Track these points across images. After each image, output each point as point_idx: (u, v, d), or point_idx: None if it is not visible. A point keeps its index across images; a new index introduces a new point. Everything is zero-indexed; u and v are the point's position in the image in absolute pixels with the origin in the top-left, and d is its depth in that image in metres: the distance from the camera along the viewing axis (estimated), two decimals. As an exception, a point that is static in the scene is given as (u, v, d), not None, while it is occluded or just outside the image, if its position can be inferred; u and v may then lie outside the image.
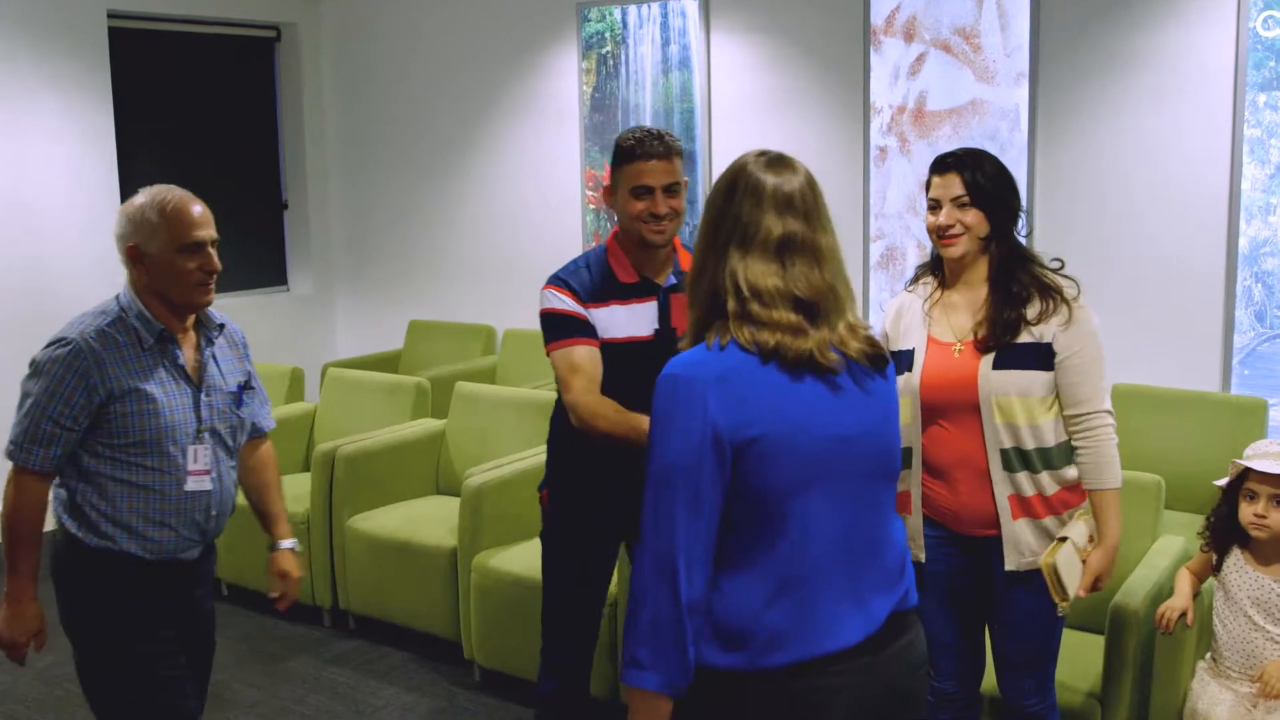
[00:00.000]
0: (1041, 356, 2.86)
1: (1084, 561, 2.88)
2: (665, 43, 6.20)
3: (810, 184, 2.05)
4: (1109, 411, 2.91)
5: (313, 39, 7.72)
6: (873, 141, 5.56)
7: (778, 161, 2.06)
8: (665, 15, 6.18)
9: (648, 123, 6.25)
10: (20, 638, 2.76)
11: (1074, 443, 2.91)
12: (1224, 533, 3.16)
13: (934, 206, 2.94)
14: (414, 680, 4.45)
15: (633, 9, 6.28)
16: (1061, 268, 2.99)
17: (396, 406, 5.51)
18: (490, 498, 4.36)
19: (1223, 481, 3.20)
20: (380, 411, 5.52)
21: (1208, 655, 3.20)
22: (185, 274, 2.70)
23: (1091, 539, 2.91)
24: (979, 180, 2.88)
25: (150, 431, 2.68)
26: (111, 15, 6.66)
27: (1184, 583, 3.22)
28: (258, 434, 3.08)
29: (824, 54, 5.73)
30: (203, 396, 2.79)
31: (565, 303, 3.05)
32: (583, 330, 3.04)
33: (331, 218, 7.95)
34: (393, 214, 7.63)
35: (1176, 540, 3.68)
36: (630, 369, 2.92)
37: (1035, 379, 2.85)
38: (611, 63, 6.39)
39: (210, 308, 2.83)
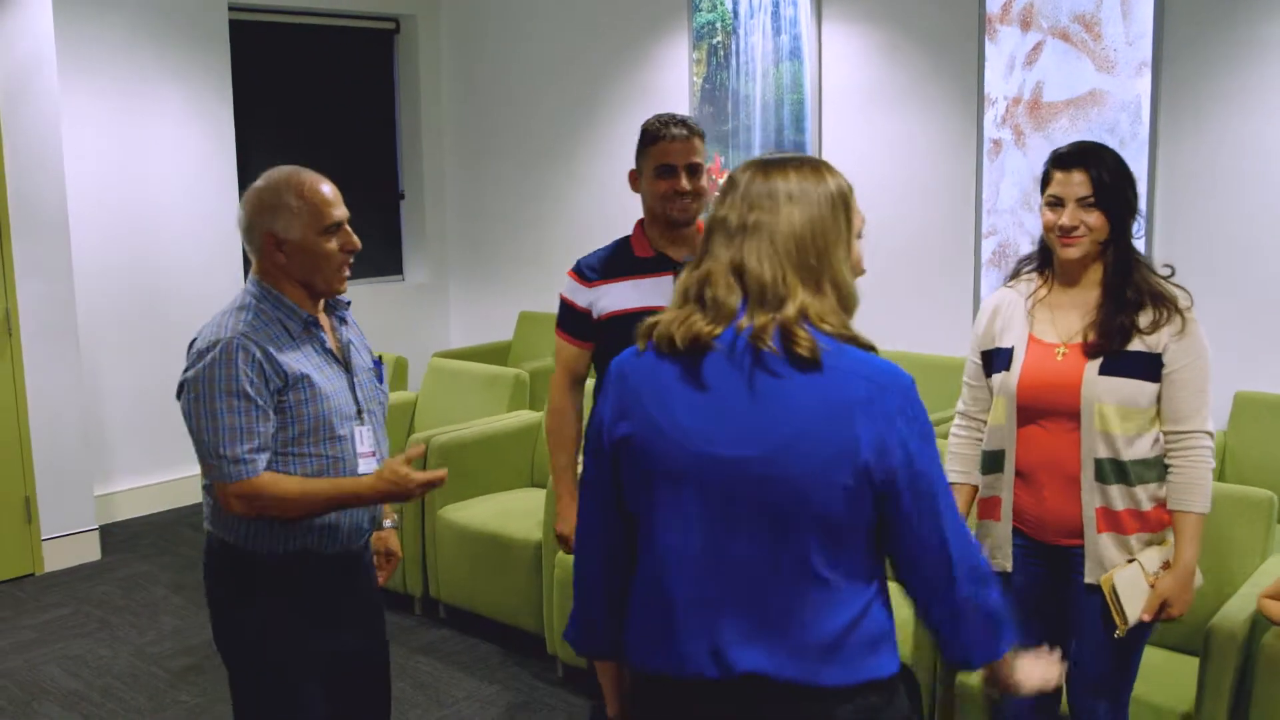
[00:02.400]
0: (1151, 366, 2.70)
1: (1152, 586, 2.71)
2: (776, 32, 6.08)
3: (801, 179, 1.83)
4: (1209, 433, 2.74)
5: (431, 31, 7.78)
6: (986, 134, 5.37)
7: (771, 163, 1.88)
8: (776, 5, 6.06)
9: (758, 115, 6.16)
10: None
11: (1168, 460, 2.74)
12: None
13: (1055, 203, 2.78)
14: (497, 674, 4.44)
15: (744, -2, 6.18)
16: (1172, 275, 2.82)
17: (495, 397, 5.50)
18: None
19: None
20: (479, 402, 5.52)
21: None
22: (328, 257, 2.57)
23: (1166, 564, 2.74)
24: (1104, 179, 2.73)
25: (322, 417, 2.55)
26: (232, 8, 6.80)
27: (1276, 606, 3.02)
28: None
29: (937, 43, 5.56)
30: (354, 378, 2.69)
31: (570, 288, 3.25)
32: (574, 325, 3.24)
33: (447, 208, 8.02)
34: (506, 205, 7.65)
35: (1288, 560, 3.46)
36: None
37: (1142, 389, 2.70)
38: (722, 53, 6.30)
39: None
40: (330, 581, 2.65)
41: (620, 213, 6.83)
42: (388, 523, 2.99)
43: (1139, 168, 4.97)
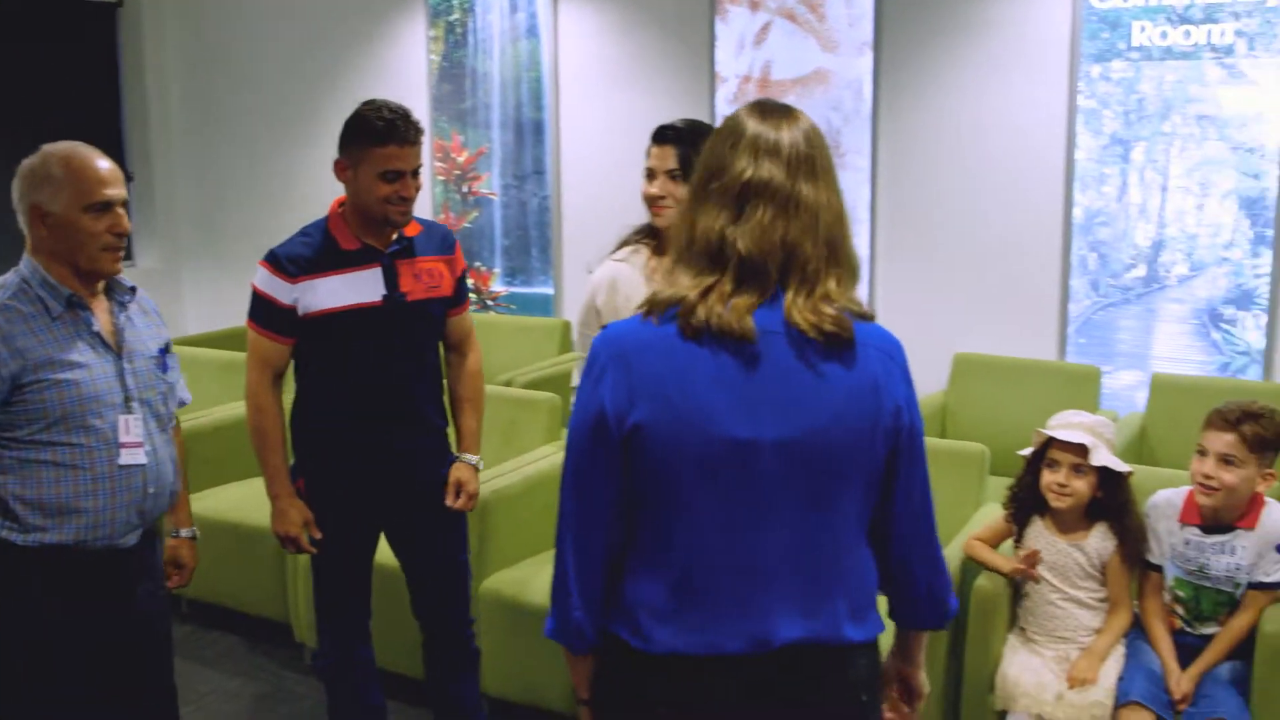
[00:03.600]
0: None
1: None
2: (513, 10, 6.08)
3: (810, 136, 1.82)
4: None
5: (155, 6, 7.44)
6: (719, 111, 5.51)
7: (774, 110, 1.86)
8: (513, -18, 6.06)
9: (496, 93, 6.15)
10: None
11: None
12: (1026, 502, 3.20)
13: (649, 175, 2.96)
14: (242, 665, 4.32)
15: (480, -25, 6.15)
16: None
17: (235, 384, 5.34)
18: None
19: (1027, 451, 3.23)
20: (219, 390, 5.35)
21: (1016, 625, 3.23)
22: (93, 236, 2.48)
23: None
24: (690, 155, 2.87)
25: (71, 404, 2.44)
26: (-67, -23, 6.35)
27: (989, 551, 3.23)
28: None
29: (671, 23, 5.67)
30: (125, 364, 2.56)
31: (268, 282, 3.04)
32: (275, 321, 3.03)
33: (178, 190, 7.70)
34: (243, 186, 7.41)
35: (999, 508, 3.69)
36: (362, 333, 3.01)
37: None
38: (460, 31, 6.26)
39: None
40: (87, 581, 2.54)
41: (361, 192, 6.70)
42: (184, 532, 2.87)
43: (863, 141, 5.21)
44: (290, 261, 3.03)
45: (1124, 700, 2.97)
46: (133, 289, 2.69)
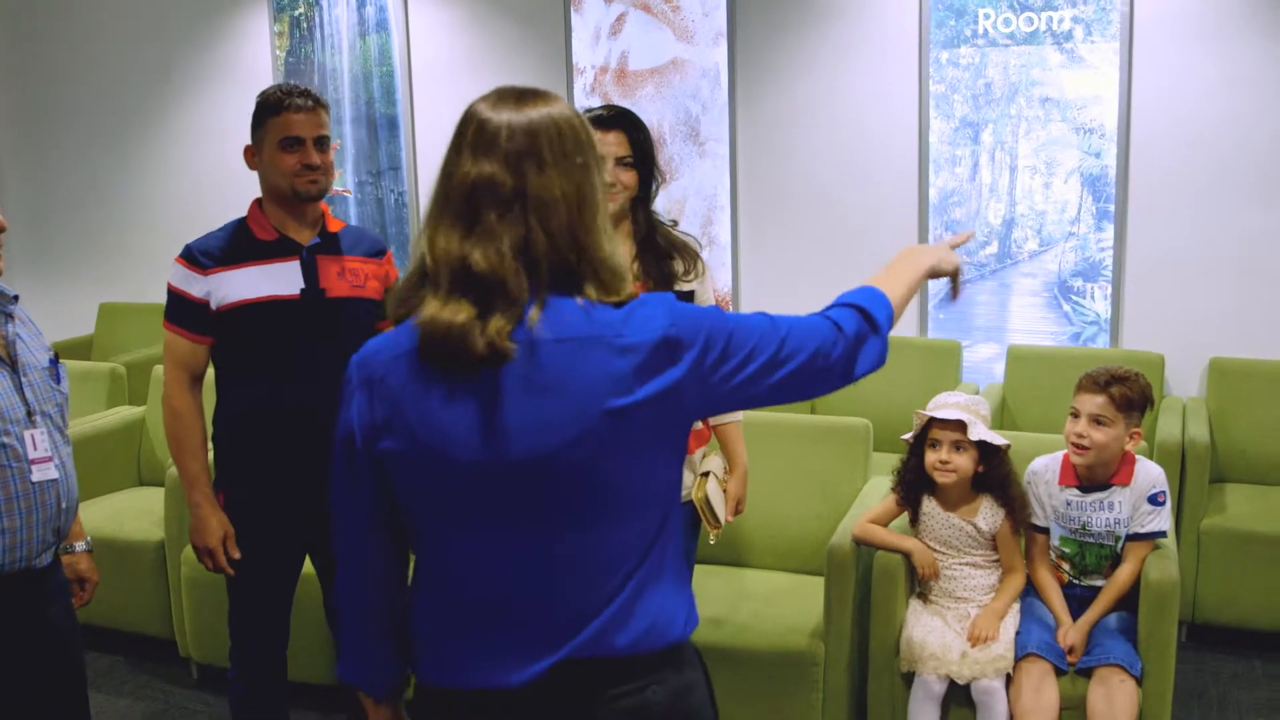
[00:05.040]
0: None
1: (724, 490, 3.05)
2: (361, 4, 5.99)
3: (539, 121, 1.63)
4: None
5: (-29, 2, 7.10)
6: (577, 103, 5.54)
7: (508, 95, 1.66)
8: (360, -24, 5.98)
9: (347, 89, 6.06)
10: None
11: None
12: (914, 484, 3.34)
13: None
14: (127, 685, 4.19)
15: (325, -31, 6.05)
16: (676, 225, 3.08)
17: (90, 395, 5.15)
18: (199, 485, 4.13)
19: (909, 435, 3.37)
20: (73, 401, 5.15)
21: (915, 590, 3.37)
22: None
23: (726, 470, 3.10)
24: (640, 139, 2.94)
25: None
26: None
27: (884, 533, 3.35)
28: None
29: (525, 14, 5.68)
30: (21, 377, 2.43)
31: (181, 277, 2.94)
32: (189, 319, 2.94)
33: (4, 194, 7.36)
34: (79, 190, 7.10)
35: (885, 481, 3.82)
36: (280, 329, 2.92)
37: None
38: (305, 25, 6.14)
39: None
40: (3, 606, 2.41)
41: (207, 194, 6.52)
42: (79, 545, 2.74)
43: (721, 130, 5.30)
44: (203, 254, 2.93)
45: (1022, 653, 3.13)
46: (15, 298, 2.58)
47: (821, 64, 5.15)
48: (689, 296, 2.92)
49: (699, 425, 2.99)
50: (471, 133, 1.63)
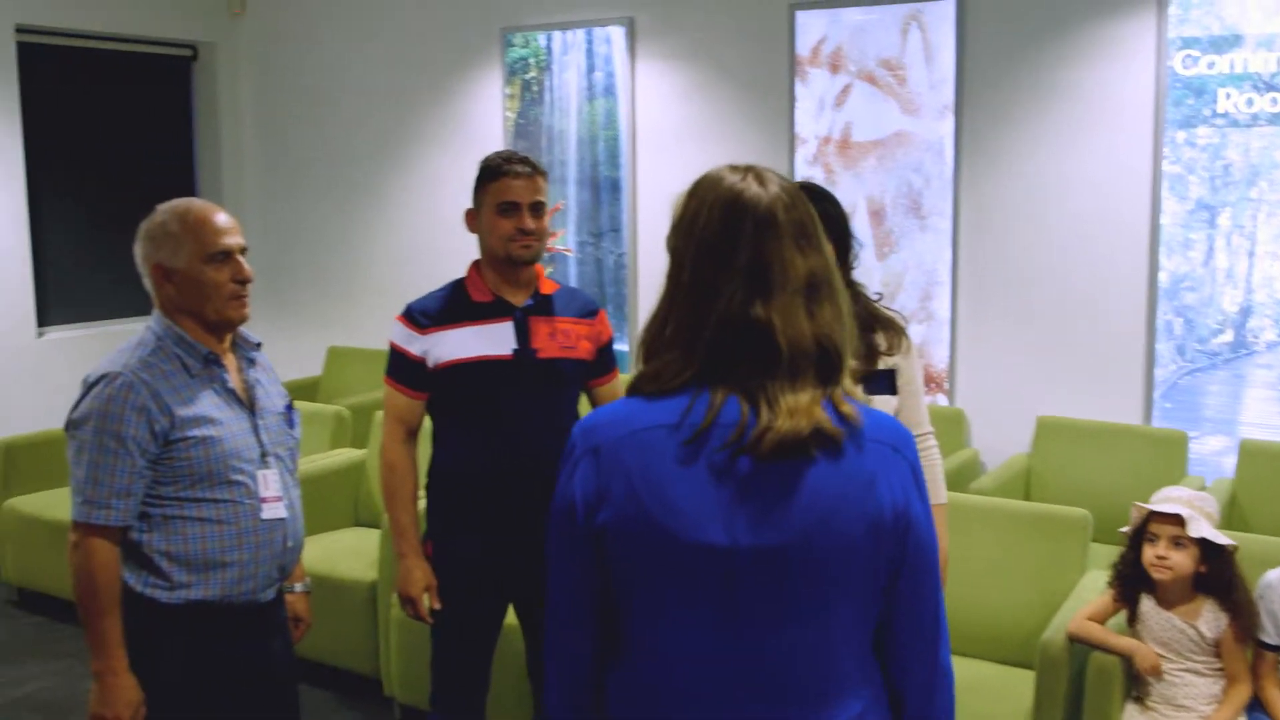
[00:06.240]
0: (892, 382, 2.91)
1: None
2: (590, 69, 6.16)
3: (794, 192, 1.63)
4: (933, 432, 3.02)
5: (230, 60, 7.56)
6: (798, 172, 5.56)
7: (745, 171, 1.63)
8: (590, 41, 6.14)
9: (573, 151, 6.22)
10: (124, 712, 2.42)
11: None
12: (1132, 580, 3.20)
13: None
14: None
15: (557, 34, 6.23)
16: (881, 299, 3.02)
17: (315, 435, 5.38)
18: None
19: (1127, 529, 3.24)
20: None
21: (1131, 695, 3.21)
22: (217, 286, 2.51)
23: None
24: (830, 212, 2.89)
25: (216, 461, 2.47)
26: (21, 30, 6.46)
27: (1103, 633, 3.21)
28: None
29: (750, 83, 5.73)
30: (258, 420, 2.60)
31: (402, 335, 3.07)
32: (407, 375, 3.06)
33: (250, 242, 7.77)
34: (313, 239, 7.49)
35: (1103, 575, 3.68)
36: (492, 388, 3.00)
37: (890, 404, 2.89)
38: (536, 89, 6.34)
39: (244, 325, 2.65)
40: (229, 637, 2.55)
41: (431, 248, 6.77)
42: (298, 586, 2.86)
43: (945, 205, 5.23)
44: (422, 314, 3.07)
45: (1248, 771, 2.96)
46: (258, 344, 2.73)
47: (1051, 141, 5.04)
48: (892, 373, 2.88)
49: None
50: (782, 223, 1.60)
